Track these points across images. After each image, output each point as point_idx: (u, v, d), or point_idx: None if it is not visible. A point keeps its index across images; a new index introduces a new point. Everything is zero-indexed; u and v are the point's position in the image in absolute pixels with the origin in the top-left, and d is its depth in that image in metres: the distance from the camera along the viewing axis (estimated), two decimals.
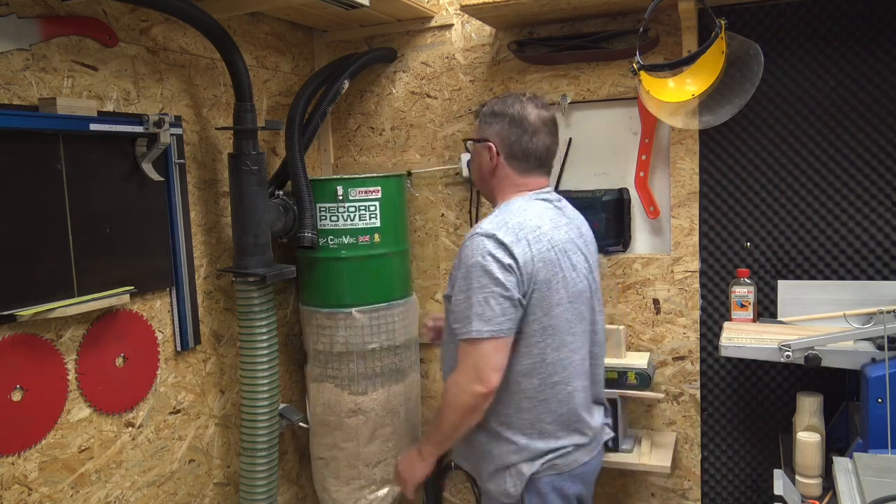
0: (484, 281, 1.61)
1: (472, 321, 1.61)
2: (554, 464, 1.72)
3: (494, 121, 1.77)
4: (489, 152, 1.76)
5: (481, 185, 1.85)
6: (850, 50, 2.13)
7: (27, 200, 1.66)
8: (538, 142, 1.75)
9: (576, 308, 1.73)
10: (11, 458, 1.65)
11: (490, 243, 1.63)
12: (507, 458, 1.72)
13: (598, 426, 1.84)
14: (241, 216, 2.12)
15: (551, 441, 1.72)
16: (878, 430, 1.82)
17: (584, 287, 1.76)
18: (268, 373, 2.18)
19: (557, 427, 1.72)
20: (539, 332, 1.67)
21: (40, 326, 1.71)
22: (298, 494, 2.66)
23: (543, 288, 1.66)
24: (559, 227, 1.74)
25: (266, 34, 2.48)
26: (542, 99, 1.84)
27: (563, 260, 1.70)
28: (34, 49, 1.68)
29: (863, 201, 2.17)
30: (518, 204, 1.73)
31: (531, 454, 1.71)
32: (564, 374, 1.71)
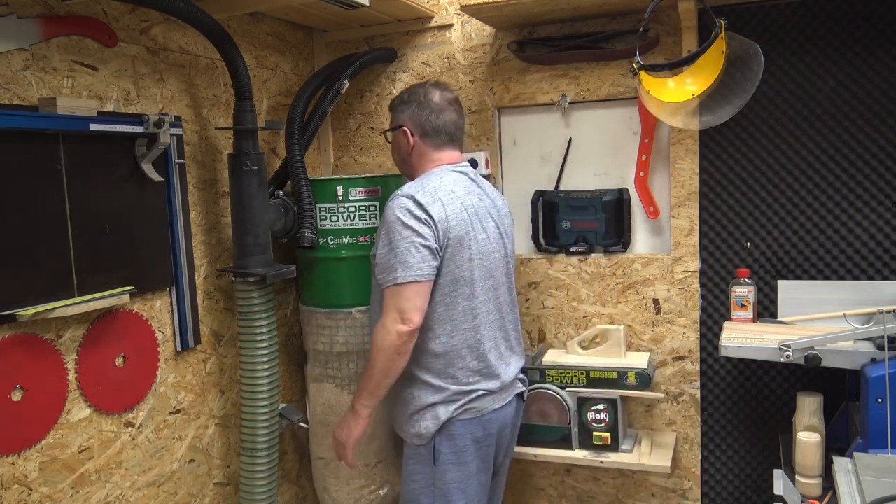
0: (405, 233, 1.80)
1: (396, 269, 1.79)
2: (468, 408, 1.89)
3: (405, 108, 2.01)
4: (405, 136, 2.00)
5: (403, 167, 2.07)
6: (850, 50, 2.13)
7: (27, 200, 1.66)
8: (445, 118, 1.99)
9: (484, 265, 1.92)
10: (11, 458, 1.65)
11: (409, 202, 1.83)
12: (424, 400, 1.89)
13: (510, 377, 1.99)
14: (241, 216, 2.12)
15: (463, 385, 1.89)
16: (878, 430, 1.82)
17: (493, 248, 1.96)
18: (268, 373, 2.18)
19: (469, 372, 1.90)
20: (451, 283, 1.86)
21: (40, 326, 1.71)
22: (298, 494, 2.66)
23: (455, 244, 1.85)
24: (472, 194, 1.95)
25: (266, 34, 2.48)
26: (445, 83, 2.08)
27: (475, 222, 1.90)
28: (34, 49, 1.68)
29: (863, 201, 2.17)
30: (435, 173, 1.94)
31: (446, 397, 1.87)
32: (474, 323, 1.89)
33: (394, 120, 2.06)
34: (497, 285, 1.97)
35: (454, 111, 2.02)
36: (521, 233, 2.57)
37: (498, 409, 1.94)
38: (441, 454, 1.89)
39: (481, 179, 2.07)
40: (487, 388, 1.92)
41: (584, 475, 2.58)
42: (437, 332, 1.87)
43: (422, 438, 1.90)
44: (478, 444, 1.92)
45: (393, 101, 2.07)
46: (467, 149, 2.57)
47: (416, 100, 2.00)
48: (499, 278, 1.98)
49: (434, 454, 1.90)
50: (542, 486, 2.65)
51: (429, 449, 1.90)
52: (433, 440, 1.89)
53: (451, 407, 1.87)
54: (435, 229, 1.82)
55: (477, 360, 1.91)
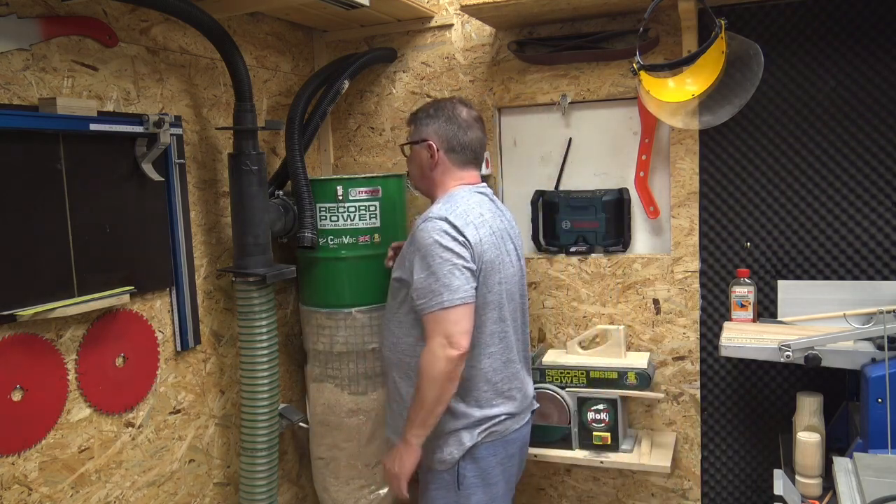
0: (446, 256, 1.77)
1: (442, 293, 1.75)
2: (492, 431, 1.87)
3: (431, 121, 1.97)
4: (429, 150, 1.95)
5: (422, 182, 2.02)
6: (850, 50, 2.13)
7: (27, 200, 1.66)
8: (472, 135, 1.97)
9: (508, 288, 1.92)
10: (11, 458, 1.65)
11: (444, 225, 1.80)
12: (448, 426, 1.85)
13: (529, 397, 2.01)
14: (241, 216, 2.12)
15: (487, 409, 1.87)
16: (878, 430, 1.82)
17: (514, 271, 1.96)
18: (268, 373, 2.18)
19: (493, 395, 1.88)
20: (483, 306, 1.84)
21: (40, 326, 1.71)
22: (298, 494, 2.66)
23: (488, 268, 1.84)
24: (496, 217, 1.95)
25: (266, 34, 2.48)
26: (469, 101, 2.09)
27: (501, 245, 1.91)
28: (34, 49, 1.68)
29: (863, 201, 2.17)
30: (461, 194, 1.91)
31: (470, 422, 1.85)
32: (500, 346, 1.89)
33: (416, 132, 2.00)
34: (516, 307, 1.97)
35: (479, 129, 1.99)
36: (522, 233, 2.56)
37: (518, 430, 1.94)
38: (466, 478, 1.86)
39: (497, 200, 2.06)
40: (509, 411, 1.91)
41: (584, 475, 2.58)
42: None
43: (445, 464, 1.86)
44: (502, 466, 1.91)
45: (416, 114, 2.02)
46: None
47: (443, 114, 1.96)
48: (517, 300, 1.98)
49: (458, 478, 1.86)
50: (542, 486, 2.65)
51: (452, 473, 1.87)
52: (457, 465, 1.86)
53: (475, 431, 1.85)
54: (472, 251, 1.80)
55: (501, 383, 1.89)
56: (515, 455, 1.96)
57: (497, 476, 1.90)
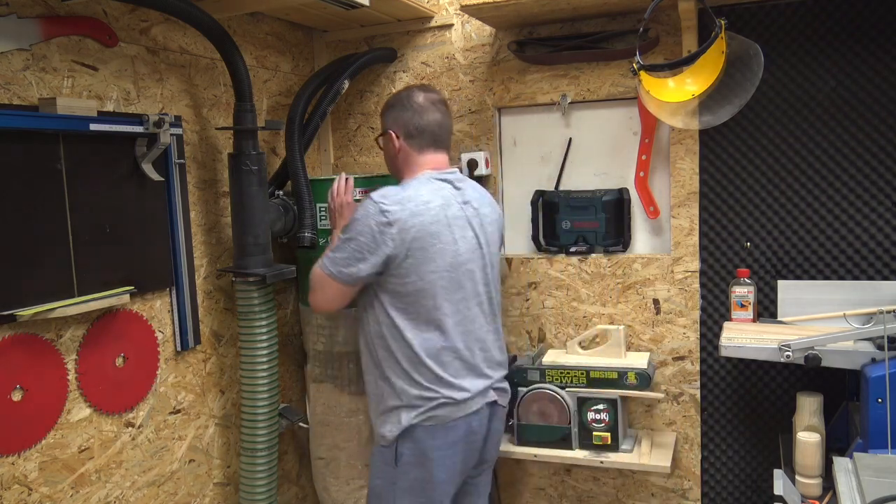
0: (352, 234, 1.86)
1: (328, 260, 1.91)
2: (430, 416, 1.90)
3: (389, 112, 2.04)
4: (391, 140, 2.01)
5: (393, 172, 2.09)
6: (850, 50, 2.13)
7: (27, 200, 1.66)
8: (428, 117, 2.00)
9: (453, 276, 1.92)
10: (11, 458, 1.65)
11: (373, 209, 1.85)
12: (390, 402, 1.92)
13: (478, 388, 1.97)
14: (241, 216, 2.12)
15: (423, 391, 1.90)
16: (878, 430, 1.82)
17: (467, 258, 1.95)
18: (268, 373, 2.18)
19: (431, 379, 1.90)
20: (414, 293, 1.87)
21: (40, 326, 1.71)
22: (298, 494, 2.66)
23: (419, 255, 1.86)
24: (450, 205, 1.93)
25: (266, 34, 2.48)
26: (431, 86, 2.14)
27: (445, 233, 1.90)
28: (34, 49, 1.68)
29: (863, 201, 2.17)
30: (416, 181, 1.95)
31: (408, 401, 1.90)
32: (435, 334, 1.90)
33: (382, 126, 2.07)
34: (468, 296, 1.95)
35: (438, 111, 2.01)
36: (521, 233, 2.57)
37: (462, 418, 1.93)
38: (403, 455, 1.91)
39: (471, 185, 2.06)
40: (450, 396, 1.91)
41: (584, 475, 2.58)
42: (400, 340, 1.89)
43: (385, 440, 1.93)
44: (441, 451, 1.92)
45: (382, 109, 2.09)
46: (467, 149, 2.57)
47: (399, 103, 2.02)
48: (471, 289, 1.96)
49: (396, 456, 1.91)
50: (542, 486, 2.65)
51: (391, 450, 1.92)
52: (395, 442, 1.91)
53: (412, 413, 1.89)
54: (392, 240, 1.83)
55: (440, 369, 1.90)
56: (459, 443, 1.94)
57: (434, 460, 1.91)
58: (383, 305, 1.90)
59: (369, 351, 1.97)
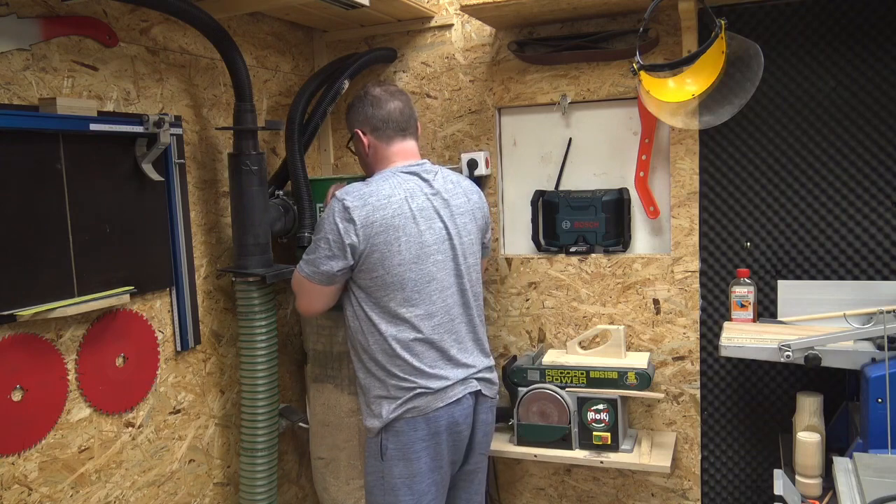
0: (321, 234, 1.90)
1: (304, 262, 1.94)
2: (409, 406, 1.90)
3: (352, 111, 2.05)
4: (360, 138, 2.03)
5: (368, 172, 2.09)
6: (850, 50, 2.13)
7: (27, 200, 1.66)
8: (389, 106, 2.01)
9: (421, 269, 1.91)
10: (11, 458, 1.65)
11: (337, 206, 1.88)
12: (374, 391, 1.95)
13: (457, 377, 1.96)
14: (241, 216, 2.12)
15: (402, 381, 1.91)
16: (878, 430, 1.82)
17: (435, 250, 1.94)
18: (267, 373, 2.18)
19: (407, 370, 1.91)
20: (382, 287, 1.89)
21: (40, 326, 1.71)
22: (298, 494, 2.66)
23: (383, 248, 1.87)
24: (415, 197, 1.93)
25: (266, 34, 2.48)
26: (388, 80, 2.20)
27: (410, 226, 1.90)
28: (34, 49, 1.68)
29: (863, 201, 2.17)
30: (381, 175, 1.97)
31: (388, 392, 1.92)
32: (406, 325, 1.91)
33: (349, 130, 2.08)
34: (441, 287, 1.94)
35: (398, 99, 2.02)
36: (522, 233, 2.57)
37: (443, 408, 1.92)
38: (388, 449, 1.92)
39: (443, 176, 2.02)
40: (427, 386, 1.91)
41: (584, 475, 2.58)
42: (375, 333, 1.91)
43: (371, 432, 1.96)
44: (424, 442, 1.92)
45: (346, 114, 2.10)
46: (467, 149, 2.57)
47: (358, 101, 2.04)
48: (443, 280, 1.95)
49: (381, 449, 1.93)
50: (542, 486, 2.65)
51: (377, 443, 1.94)
52: (380, 435, 1.93)
53: (392, 405, 1.91)
54: (354, 236, 1.85)
55: (416, 360, 1.91)
56: (442, 433, 1.93)
57: (418, 451, 1.91)
58: (358, 300, 1.93)
59: (352, 346, 1.99)
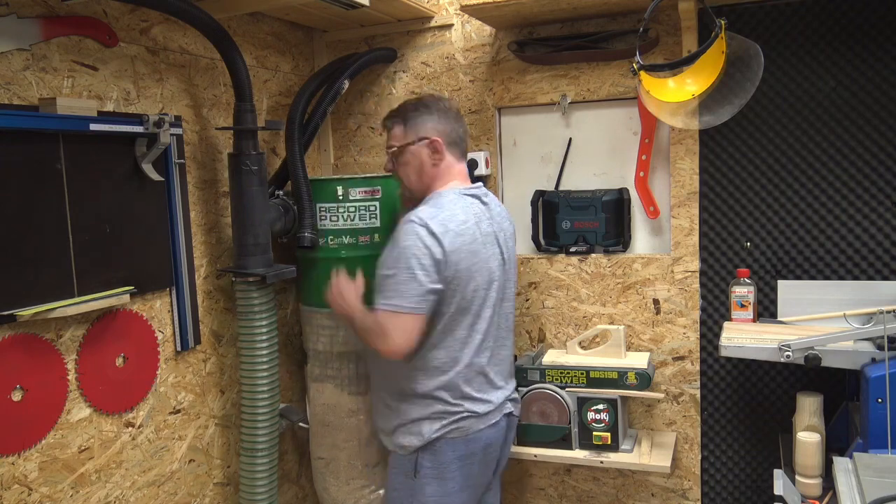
0: (412, 263, 1.80)
1: (393, 298, 1.81)
2: (452, 428, 1.91)
3: (427, 118, 1.95)
4: (430, 147, 1.94)
5: (419, 184, 1.98)
6: (850, 50, 2.13)
7: (27, 200, 1.66)
8: (461, 128, 2.01)
9: (487, 294, 1.93)
10: (11, 458, 1.65)
11: (423, 231, 1.81)
12: (411, 415, 1.93)
13: (499, 400, 2.00)
14: (241, 216, 2.12)
15: (450, 405, 1.91)
16: (878, 430, 1.82)
17: (495, 277, 1.96)
18: (268, 373, 2.18)
19: (458, 395, 1.91)
20: (455, 312, 1.88)
21: (40, 326, 1.71)
22: (298, 494, 2.66)
23: (464, 275, 1.86)
24: (482, 222, 1.94)
25: (266, 34, 2.48)
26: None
27: (481, 251, 1.91)
28: (34, 49, 1.68)
29: (863, 201, 2.17)
30: (449, 198, 1.91)
31: (431, 413, 1.90)
32: (466, 350, 1.91)
33: (411, 132, 1.95)
34: (495, 313, 1.98)
35: (463, 121, 2.03)
36: (521, 233, 2.57)
37: (482, 430, 1.95)
38: (422, 468, 1.91)
39: (491, 199, 2.05)
40: (473, 410, 1.93)
41: (584, 475, 2.58)
42: (431, 356, 1.90)
43: (405, 450, 1.94)
44: (460, 462, 1.93)
45: (404, 114, 1.98)
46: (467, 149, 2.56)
47: (436, 108, 1.96)
48: (497, 304, 1.98)
49: (416, 467, 1.91)
50: (542, 486, 2.65)
51: (411, 461, 1.92)
52: (416, 453, 1.91)
53: (435, 425, 1.90)
54: (444, 262, 1.82)
55: (466, 385, 1.92)
56: (478, 454, 1.95)
57: (454, 472, 1.92)
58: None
59: (389, 371, 1.96)
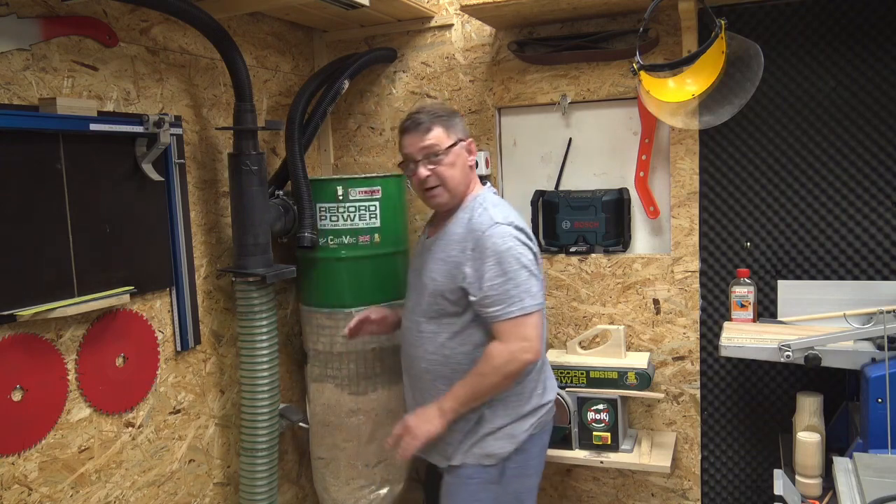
0: (523, 262, 1.77)
1: (523, 298, 1.75)
2: (539, 423, 1.90)
3: (457, 120, 1.93)
4: (468, 148, 1.92)
5: (461, 186, 1.90)
6: (850, 50, 2.13)
7: (27, 200, 1.66)
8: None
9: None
10: (11, 458, 1.65)
11: (515, 231, 1.80)
12: (496, 422, 1.86)
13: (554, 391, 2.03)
14: (241, 216, 2.12)
15: (536, 400, 1.90)
16: (878, 430, 1.82)
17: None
18: (268, 373, 2.18)
19: (542, 387, 1.92)
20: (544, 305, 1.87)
21: (40, 326, 1.71)
22: (298, 494, 2.66)
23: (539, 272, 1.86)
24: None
25: (266, 34, 2.48)
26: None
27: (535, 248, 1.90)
28: (34, 49, 1.68)
29: (863, 201, 2.17)
30: (497, 198, 1.93)
31: (522, 414, 1.87)
32: (544, 343, 1.87)
33: (451, 133, 1.89)
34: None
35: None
36: None
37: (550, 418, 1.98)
38: (508, 469, 1.87)
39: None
40: (551, 398, 1.96)
41: (584, 475, 2.58)
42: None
43: (494, 458, 1.86)
44: (541, 455, 1.95)
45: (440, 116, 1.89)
46: None
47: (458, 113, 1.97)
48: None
49: (503, 471, 1.86)
50: (542, 486, 2.64)
51: (498, 468, 1.86)
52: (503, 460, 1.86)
53: (526, 424, 1.87)
54: (537, 257, 1.85)
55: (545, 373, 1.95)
56: (547, 444, 1.98)
57: (536, 465, 1.93)
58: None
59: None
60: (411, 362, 1.97)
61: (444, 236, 1.89)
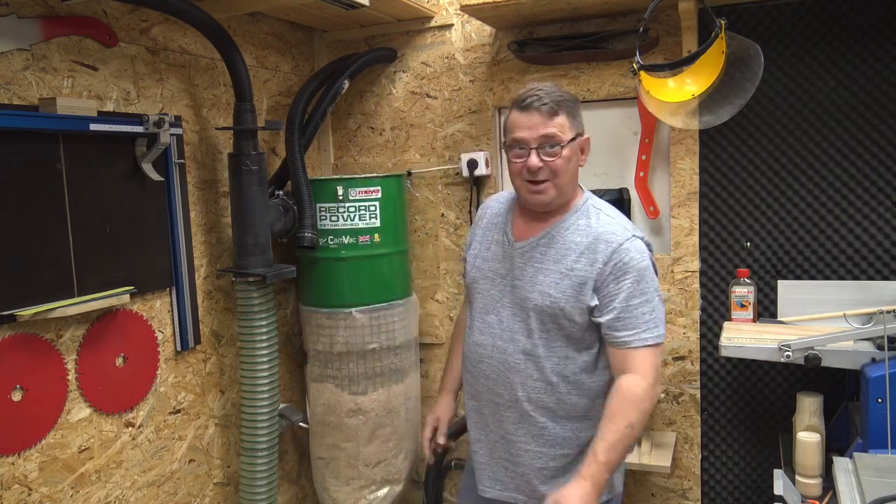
0: (656, 285, 1.59)
1: (658, 325, 1.56)
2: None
3: (580, 111, 1.64)
4: (584, 146, 1.64)
5: (569, 185, 1.63)
6: (850, 50, 2.13)
7: (27, 200, 1.66)
8: None
9: None
10: (11, 458, 1.65)
11: (646, 247, 1.60)
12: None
13: None
14: (241, 216, 2.12)
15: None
16: (878, 430, 1.82)
17: None
18: (268, 373, 2.18)
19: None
20: None
21: (40, 326, 1.71)
22: (298, 494, 2.66)
23: None
24: None
25: (266, 34, 2.48)
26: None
27: None
28: (34, 49, 1.68)
29: (863, 201, 2.17)
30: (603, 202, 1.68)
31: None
32: None
33: (575, 125, 1.61)
34: None
35: None
36: None
37: None
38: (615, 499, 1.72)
39: None
40: None
41: None
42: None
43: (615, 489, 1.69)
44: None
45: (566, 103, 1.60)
46: (467, 149, 2.57)
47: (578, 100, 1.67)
48: None
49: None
50: None
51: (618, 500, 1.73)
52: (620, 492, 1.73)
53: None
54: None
55: None
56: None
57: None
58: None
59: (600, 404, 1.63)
60: (499, 387, 1.66)
61: (554, 243, 1.61)
